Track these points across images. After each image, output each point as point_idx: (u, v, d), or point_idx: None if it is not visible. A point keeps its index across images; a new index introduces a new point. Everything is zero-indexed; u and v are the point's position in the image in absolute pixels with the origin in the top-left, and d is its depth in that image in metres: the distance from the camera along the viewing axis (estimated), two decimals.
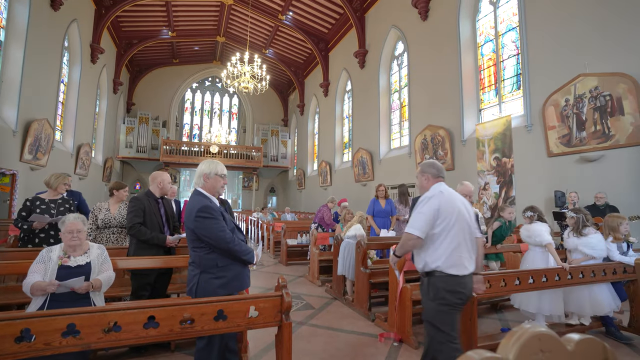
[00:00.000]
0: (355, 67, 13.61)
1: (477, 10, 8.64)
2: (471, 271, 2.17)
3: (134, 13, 14.76)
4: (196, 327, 1.87)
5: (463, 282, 2.11)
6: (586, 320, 3.48)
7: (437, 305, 2.12)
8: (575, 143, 5.90)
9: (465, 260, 2.14)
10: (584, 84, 5.76)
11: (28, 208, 3.56)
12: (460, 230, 2.15)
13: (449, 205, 2.17)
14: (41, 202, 3.62)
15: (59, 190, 3.73)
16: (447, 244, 2.13)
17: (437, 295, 2.12)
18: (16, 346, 1.55)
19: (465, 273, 2.12)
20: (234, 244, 2.21)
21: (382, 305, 4.50)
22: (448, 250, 2.11)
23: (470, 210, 2.30)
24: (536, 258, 3.56)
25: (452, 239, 2.13)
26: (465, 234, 2.17)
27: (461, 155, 8.43)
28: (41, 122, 9.28)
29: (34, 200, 3.62)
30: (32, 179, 9.26)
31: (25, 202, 3.60)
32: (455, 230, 2.14)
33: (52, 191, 3.72)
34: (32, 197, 3.67)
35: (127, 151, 18.32)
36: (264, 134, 21.44)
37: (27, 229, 3.51)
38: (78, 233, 2.44)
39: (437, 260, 2.13)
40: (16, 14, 8.77)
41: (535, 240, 3.57)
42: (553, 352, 0.76)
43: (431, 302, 2.15)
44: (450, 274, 2.10)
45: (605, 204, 5.11)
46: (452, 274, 2.10)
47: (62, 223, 2.46)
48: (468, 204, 2.33)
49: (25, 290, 2.23)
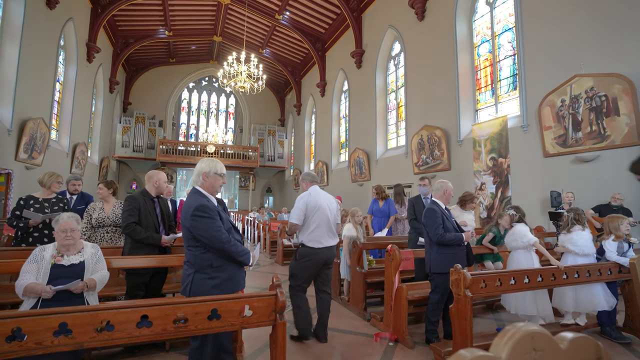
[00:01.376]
0: (352, 67, 13.61)
1: (474, 11, 8.67)
2: (326, 245, 3.30)
3: (131, 12, 14.69)
4: (190, 326, 1.86)
5: (315, 252, 3.26)
6: (581, 320, 3.50)
7: (298, 262, 3.31)
8: (571, 143, 5.93)
9: (322, 239, 3.28)
10: (580, 85, 5.80)
11: (22, 207, 3.54)
12: (320, 219, 3.28)
13: (314, 202, 3.31)
14: (35, 201, 3.60)
15: (53, 188, 3.70)
16: (312, 228, 3.27)
17: (300, 257, 3.30)
18: (7, 345, 1.53)
19: (319, 247, 3.26)
20: (229, 244, 2.19)
21: (377, 305, 4.49)
22: (310, 230, 3.27)
23: (332, 206, 3.43)
24: (521, 259, 3.62)
25: (315, 224, 3.27)
26: (323, 221, 3.30)
27: (457, 155, 8.45)
28: (37, 121, 9.21)
29: (27, 199, 3.59)
30: (27, 179, 9.18)
31: (19, 201, 3.57)
32: (316, 219, 3.27)
33: (46, 190, 3.69)
34: (25, 196, 3.64)
35: (124, 151, 18.22)
36: (261, 134, 21.40)
37: (22, 227, 3.49)
38: (72, 232, 2.42)
39: (304, 237, 3.28)
40: (11, 13, 8.70)
41: (521, 241, 3.62)
42: (546, 350, 0.76)
43: (295, 261, 3.34)
44: (308, 246, 3.26)
45: (620, 206, 5.08)
46: (310, 246, 3.26)
47: (55, 222, 2.44)
48: (332, 202, 3.47)
49: (17, 292, 2.20)
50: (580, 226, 3.56)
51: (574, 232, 3.56)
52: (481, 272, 2.93)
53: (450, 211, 3.51)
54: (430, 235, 3.27)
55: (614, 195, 5.18)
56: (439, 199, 3.39)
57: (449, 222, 3.26)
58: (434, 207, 3.31)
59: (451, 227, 3.24)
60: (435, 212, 3.24)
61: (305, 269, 3.29)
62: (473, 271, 2.95)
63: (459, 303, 2.69)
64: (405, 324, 3.31)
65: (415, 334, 3.50)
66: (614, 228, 3.58)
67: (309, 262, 3.27)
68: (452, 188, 3.43)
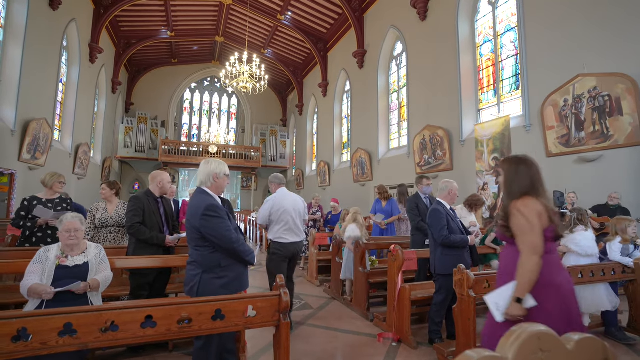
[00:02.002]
0: (354, 67, 13.61)
1: (476, 11, 8.65)
2: (291, 241, 3.71)
3: (133, 13, 14.73)
4: (194, 326, 1.87)
5: (284, 246, 3.69)
6: (584, 320, 3.48)
7: (271, 256, 3.74)
8: (574, 143, 5.91)
9: (287, 235, 3.70)
10: (583, 84, 5.77)
11: (26, 207, 3.55)
12: (286, 219, 3.71)
13: (279, 205, 3.75)
14: (38, 202, 3.62)
15: (55, 188, 3.72)
16: (278, 226, 3.72)
17: (270, 251, 3.76)
18: (12, 345, 1.54)
19: (286, 242, 3.69)
20: (238, 244, 2.22)
21: (380, 306, 4.49)
22: (277, 229, 3.72)
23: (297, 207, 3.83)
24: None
25: (280, 223, 3.72)
26: (289, 221, 3.72)
27: (460, 155, 8.44)
28: (40, 122, 9.25)
29: (31, 199, 3.61)
30: (30, 179, 9.22)
31: (23, 202, 3.59)
32: (282, 219, 3.71)
33: (49, 190, 3.71)
34: (29, 197, 3.65)
35: (126, 151, 18.27)
36: (263, 134, 21.42)
37: (30, 226, 3.50)
38: (75, 232, 2.43)
39: (272, 234, 3.75)
40: (15, 14, 8.74)
41: None
42: (552, 351, 0.76)
43: (269, 254, 3.79)
44: (277, 242, 3.71)
45: (617, 205, 5.08)
46: (278, 241, 3.70)
47: (60, 222, 2.45)
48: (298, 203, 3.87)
49: (22, 292, 2.22)
50: (584, 226, 3.54)
51: (577, 233, 3.55)
52: (484, 272, 2.93)
53: (455, 211, 3.49)
54: (434, 237, 3.24)
55: (611, 195, 5.17)
56: (444, 199, 3.36)
57: (454, 223, 3.23)
58: (439, 207, 3.26)
59: (456, 228, 3.22)
60: (440, 213, 3.20)
61: (279, 261, 3.70)
62: (477, 271, 2.94)
63: (462, 303, 2.69)
64: (408, 324, 3.31)
65: (418, 334, 3.50)
66: (621, 230, 3.57)
67: (280, 254, 3.70)
68: (457, 188, 3.41)
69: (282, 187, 3.92)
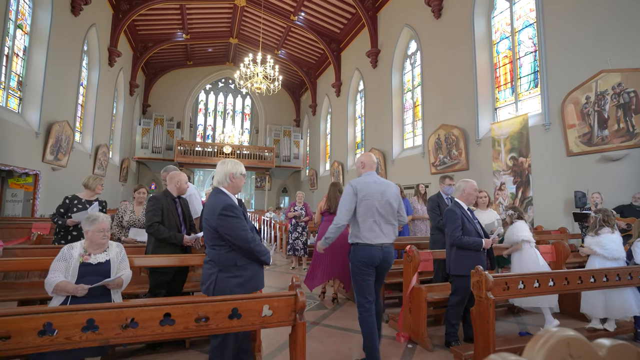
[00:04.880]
0: (368, 67, 13.53)
1: (493, 7, 8.47)
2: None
3: (150, 17, 15.06)
4: (211, 325, 1.88)
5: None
6: (610, 325, 3.35)
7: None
8: (597, 142, 5.71)
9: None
10: (606, 81, 5.57)
11: (67, 205, 3.78)
12: None
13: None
14: (78, 201, 3.84)
15: (97, 191, 3.95)
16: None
17: None
18: (39, 339, 1.59)
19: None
20: (254, 243, 2.23)
21: (396, 307, 4.45)
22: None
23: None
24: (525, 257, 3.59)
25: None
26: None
27: (476, 155, 8.28)
28: (62, 124, 9.57)
29: (72, 198, 3.84)
30: (53, 179, 9.55)
31: (65, 200, 3.82)
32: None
33: (90, 192, 3.93)
34: (71, 195, 3.88)
35: (143, 152, 18.70)
36: (277, 135, 21.54)
37: (61, 224, 3.72)
38: (106, 232, 2.54)
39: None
40: (39, 20, 9.07)
41: (517, 235, 3.63)
42: (583, 357, 0.73)
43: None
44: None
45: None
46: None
47: (92, 222, 2.51)
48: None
49: (47, 289, 2.29)
50: (610, 228, 3.40)
51: (602, 235, 3.40)
52: (503, 275, 2.86)
53: (474, 212, 3.41)
54: (448, 237, 3.21)
55: (635, 195, 4.98)
56: (460, 199, 3.30)
57: (470, 225, 3.16)
58: (455, 208, 3.22)
59: (472, 229, 3.15)
60: (455, 214, 3.15)
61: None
62: (494, 273, 2.88)
63: (480, 306, 2.63)
64: (424, 326, 3.26)
65: (434, 336, 3.45)
66: None
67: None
68: (472, 187, 3.29)
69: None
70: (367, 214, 2.76)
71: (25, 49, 8.89)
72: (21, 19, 8.69)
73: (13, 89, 8.51)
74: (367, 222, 2.76)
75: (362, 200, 2.77)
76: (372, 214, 2.77)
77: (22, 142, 8.30)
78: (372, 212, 2.77)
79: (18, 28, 8.57)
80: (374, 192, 2.80)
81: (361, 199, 2.78)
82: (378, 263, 2.77)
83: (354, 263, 2.81)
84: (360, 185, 2.82)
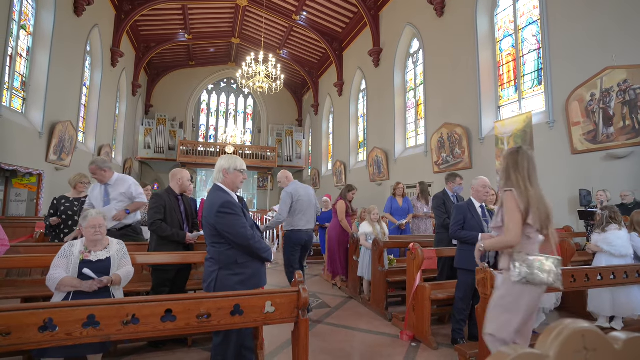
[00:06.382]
0: (370, 66, 13.49)
1: (496, 5, 8.41)
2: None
3: (152, 17, 15.09)
4: (213, 321, 1.87)
5: None
6: (617, 324, 3.31)
7: None
8: (602, 139, 5.65)
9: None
10: (612, 78, 5.51)
11: (55, 206, 3.83)
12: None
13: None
14: (66, 200, 3.88)
15: (78, 188, 3.96)
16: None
17: None
18: (40, 335, 1.58)
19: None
20: (254, 240, 2.20)
21: (399, 305, 4.42)
22: None
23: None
24: None
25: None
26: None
27: (479, 153, 8.22)
28: (65, 124, 9.60)
29: (60, 198, 3.89)
30: (56, 179, 9.58)
31: (53, 201, 3.88)
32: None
33: (74, 190, 3.96)
34: (59, 196, 3.93)
35: (146, 152, 18.74)
36: (279, 134, 21.54)
37: (48, 225, 3.78)
38: (100, 228, 2.49)
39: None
40: (42, 21, 9.10)
41: None
42: (598, 350, 0.70)
43: None
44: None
45: (634, 202, 4.88)
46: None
47: (84, 218, 2.51)
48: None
49: (49, 285, 2.27)
50: (617, 225, 3.36)
51: (609, 232, 3.36)
52: None
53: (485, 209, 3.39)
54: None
55: (621, 193, 4.96)
56: (472, 196, 3.35)
57: (474, 220, 3.16)
58: (462, 204, 3.33)
59: (476, 224, 3.14)
60: (460, 209, 3.24)
61: None
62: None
63: (485, 303, 2.59)
64: (428, 324, 3.23)
65: (438, 335, 3.42)
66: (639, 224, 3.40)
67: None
68: (480, 184, 3.26)
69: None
70: (299, 209, 4.01)
71: (28, 50, 8.91)
72: (24, 19, 8.72)
73: (17, 89, 8.55)
74: (299, 215, 4.00)
75: (297, 201, 4.01)
76: (302, 209, 4.01)
77: (26, 142, 8.33)
78: (302, 208, 4.02)
79: (21, 29, 8.60)
80: (303, 194, 4.07)
81: (296, 200, 4.01)
82: (304, 243, 4.07)
83: (288, 243, 4.06)
84: (294, 191, 4.06)
